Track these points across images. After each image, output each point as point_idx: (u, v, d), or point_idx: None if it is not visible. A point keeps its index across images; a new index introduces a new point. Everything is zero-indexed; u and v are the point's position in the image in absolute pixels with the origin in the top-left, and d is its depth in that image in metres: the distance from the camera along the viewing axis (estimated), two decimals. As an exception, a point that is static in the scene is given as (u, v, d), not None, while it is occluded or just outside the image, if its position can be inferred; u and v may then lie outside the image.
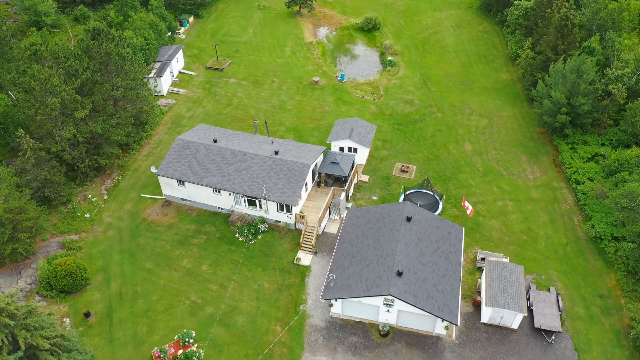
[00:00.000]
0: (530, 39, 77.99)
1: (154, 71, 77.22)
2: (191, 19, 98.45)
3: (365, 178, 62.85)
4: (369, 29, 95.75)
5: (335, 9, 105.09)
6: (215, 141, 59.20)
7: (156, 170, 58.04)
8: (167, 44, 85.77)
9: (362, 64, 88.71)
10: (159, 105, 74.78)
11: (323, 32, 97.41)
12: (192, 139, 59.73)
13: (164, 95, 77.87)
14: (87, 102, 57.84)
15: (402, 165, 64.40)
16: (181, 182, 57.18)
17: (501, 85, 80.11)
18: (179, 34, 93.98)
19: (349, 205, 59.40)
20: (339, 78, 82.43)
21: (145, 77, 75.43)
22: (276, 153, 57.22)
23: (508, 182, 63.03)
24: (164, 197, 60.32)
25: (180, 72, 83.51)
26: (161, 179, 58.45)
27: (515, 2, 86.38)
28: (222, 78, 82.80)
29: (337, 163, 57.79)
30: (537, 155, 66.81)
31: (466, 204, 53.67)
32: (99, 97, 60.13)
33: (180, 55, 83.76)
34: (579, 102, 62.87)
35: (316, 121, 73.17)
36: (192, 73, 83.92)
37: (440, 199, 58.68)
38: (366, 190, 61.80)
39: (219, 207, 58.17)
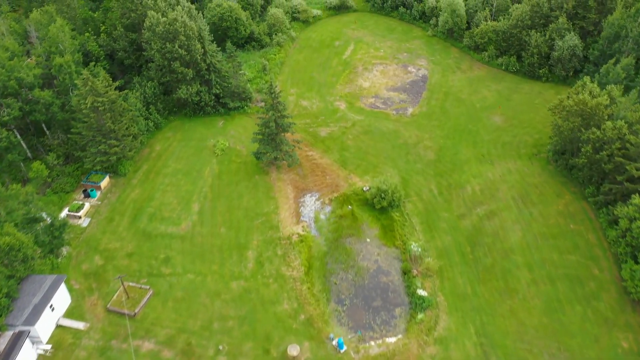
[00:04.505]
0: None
1: (-10, 364, 41.88)
2: (105, 180, 63.07)
3: None
4: (382, 207, 60.18)
5: (329, 152, 69.24)
6: None
7: None
8: (41, 268, 50.34)
9: (373, 293, 52.53)
10: None
11: (310, 204, 61.70)
12: None
13: (12, 402, 42.48)
14: None
15: None
16: None
17: (625, 369, 44.72)
18: (79, 218, 58.58)
19: None
20: (334, 343, 46.97)
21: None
22: None
23: None
24: None
25: (58, 326, 48.09)
26: None
27: (628, 189, 50.35)
28: (129, 339, 47.21)
29: None
30: None
31: None
32: None
33: (61, 292, 48.42)
34: None
35: None
36: (79, 326, 48.27)
37: None
38: None
39: None
